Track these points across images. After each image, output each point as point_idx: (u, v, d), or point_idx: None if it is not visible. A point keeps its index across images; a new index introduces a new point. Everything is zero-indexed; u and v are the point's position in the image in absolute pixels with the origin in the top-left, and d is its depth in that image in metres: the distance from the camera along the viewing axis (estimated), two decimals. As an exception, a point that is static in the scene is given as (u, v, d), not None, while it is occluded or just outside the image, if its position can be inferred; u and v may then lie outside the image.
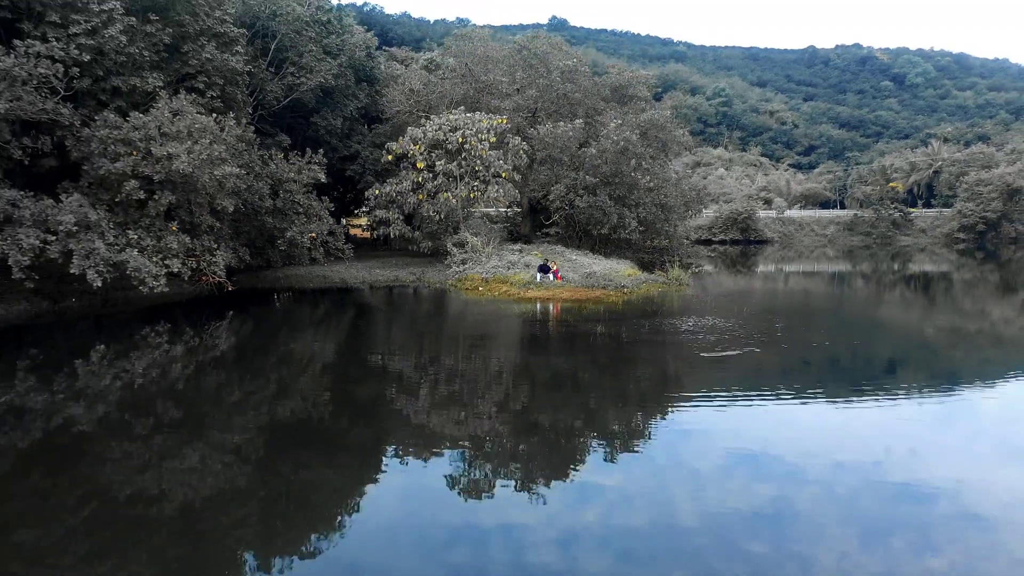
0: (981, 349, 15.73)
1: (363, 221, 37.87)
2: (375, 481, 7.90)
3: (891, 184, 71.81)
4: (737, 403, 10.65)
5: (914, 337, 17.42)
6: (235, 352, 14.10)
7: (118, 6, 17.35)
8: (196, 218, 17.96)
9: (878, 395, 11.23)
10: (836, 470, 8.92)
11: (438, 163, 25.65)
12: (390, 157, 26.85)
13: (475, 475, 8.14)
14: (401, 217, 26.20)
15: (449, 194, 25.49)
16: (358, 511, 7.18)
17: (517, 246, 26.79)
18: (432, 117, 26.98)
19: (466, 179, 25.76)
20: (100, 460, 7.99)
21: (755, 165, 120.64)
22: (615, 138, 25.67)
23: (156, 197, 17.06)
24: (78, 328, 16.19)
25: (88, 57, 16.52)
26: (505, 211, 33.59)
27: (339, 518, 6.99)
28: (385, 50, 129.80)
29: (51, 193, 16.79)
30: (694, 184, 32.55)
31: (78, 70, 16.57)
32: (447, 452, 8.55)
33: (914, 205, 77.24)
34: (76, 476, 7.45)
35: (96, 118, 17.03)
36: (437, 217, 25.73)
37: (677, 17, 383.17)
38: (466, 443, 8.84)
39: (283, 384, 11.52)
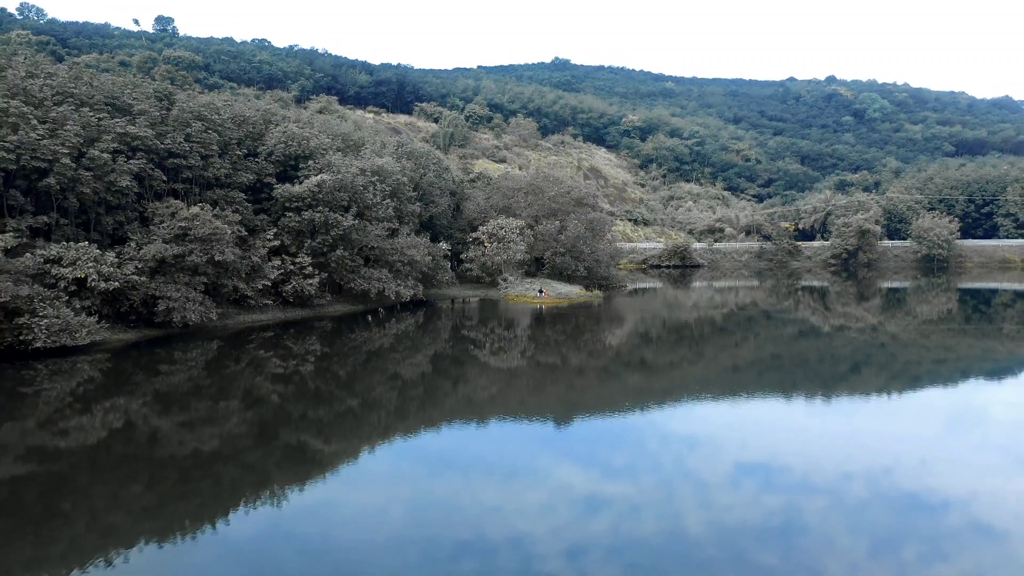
0: (887, 347, 49.04)
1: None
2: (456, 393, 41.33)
3: (785, 225, 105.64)
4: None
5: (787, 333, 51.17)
6: (420, 324, 47.83)
7: (389, 201, 51.42)
8: (416, 273, 52.03)
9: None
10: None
11: (493, 243, 59.74)
12: (471, 239, 61.11)
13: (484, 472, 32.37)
14: (478, 266, 60.38)
15: (498, 256, 59.58)
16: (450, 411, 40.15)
17: (529, 279, 60.79)
18: (488, 220, 61.11)
19: (504, 249, 59.81)
20: (383, 358, 35.14)
21: (718, 199, 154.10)
22: (572, 232, 59.86)
23: (404, 267, 51.09)
24: (372, 314, 50.03)
25: (384, 223, 50.68)
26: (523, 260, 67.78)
27: (445, 407, 40.30)
28: (417, 105, 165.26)
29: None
30: (617, 247, 66.57)
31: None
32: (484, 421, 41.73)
33: (813, 238, 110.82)
34: (372, 364, 33.86)
35: (385, 241, 50.98)
36: (493, 267, 59.87)
37: (669, 51, 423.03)
38: (500, 398, 42.11)
39: (431, 338, 44.58)
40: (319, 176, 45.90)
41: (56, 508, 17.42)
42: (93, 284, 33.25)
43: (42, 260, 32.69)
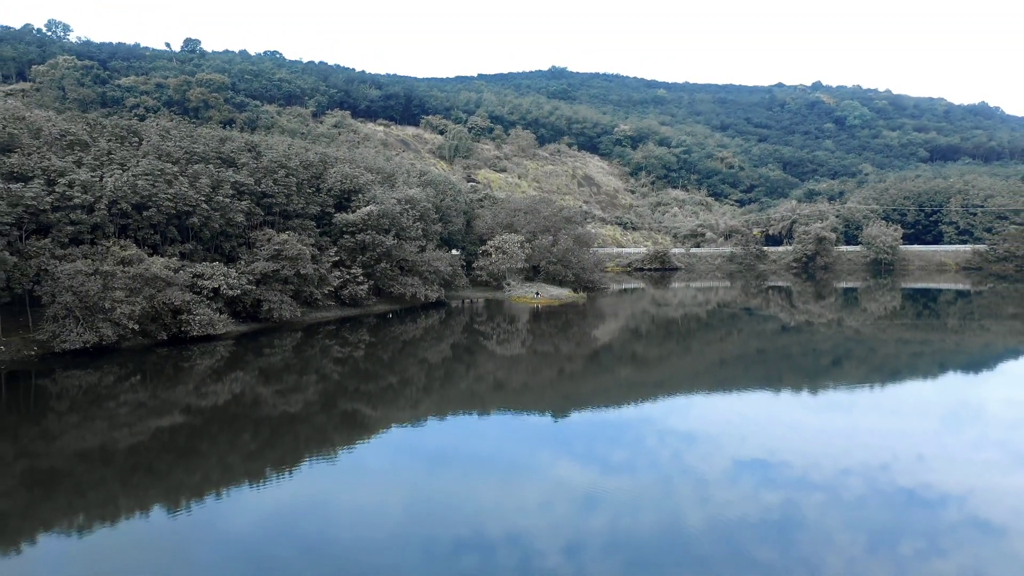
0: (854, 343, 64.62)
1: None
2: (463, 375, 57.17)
3: (755, 231, 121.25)
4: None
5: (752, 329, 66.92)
6: (443, 319, 63.64)
7: (419, 224, 66.86)
8: (439, 280, 67.52)
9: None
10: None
11: (499, 254, 75.29)
12: (480, 251, 76.67)
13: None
14: (486, 273, 76.02)
15: (502, 265, 75.18)
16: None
17: (528, 283, 76.39)
18: (495, 235, 76.67)
19: (507, 259, 75.39)
20: (414, 346, 50.77)
21: (702, 204, 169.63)
22: (563, 245, 75.58)
23: (431, 275, 66.59)
24: (408, 311, 65.57)
25: (415, 242, 66.25)
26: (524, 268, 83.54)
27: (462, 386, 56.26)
28: (423, 118, 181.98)
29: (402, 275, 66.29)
30: (600, 255, 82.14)
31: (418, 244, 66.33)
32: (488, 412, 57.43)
33: (781, 243, 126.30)
34: (406, 351, 52.86)
35: (417, 255, 66.42)
36: (498, 273, 75.47)
37: (663, 56, 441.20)
38: (499, 389, 57.89)
39: (450, 331, 60.86)
40: (368, 207, 61.36)
41: (197, 449, 24.02)
42: (224, 292, 48.70)
43: (191, 275, 48.11)
